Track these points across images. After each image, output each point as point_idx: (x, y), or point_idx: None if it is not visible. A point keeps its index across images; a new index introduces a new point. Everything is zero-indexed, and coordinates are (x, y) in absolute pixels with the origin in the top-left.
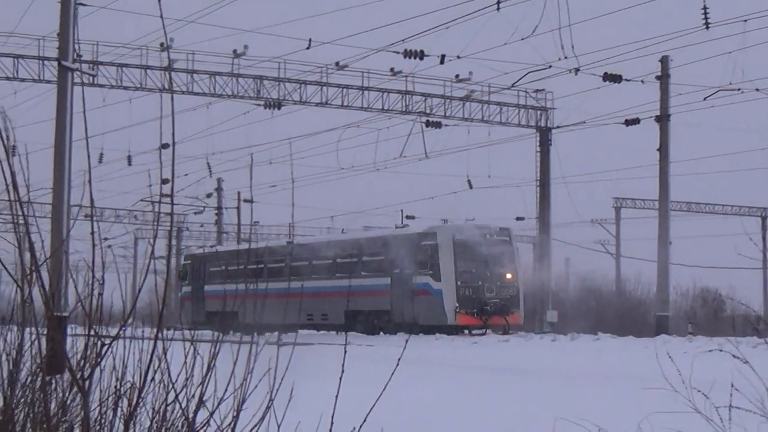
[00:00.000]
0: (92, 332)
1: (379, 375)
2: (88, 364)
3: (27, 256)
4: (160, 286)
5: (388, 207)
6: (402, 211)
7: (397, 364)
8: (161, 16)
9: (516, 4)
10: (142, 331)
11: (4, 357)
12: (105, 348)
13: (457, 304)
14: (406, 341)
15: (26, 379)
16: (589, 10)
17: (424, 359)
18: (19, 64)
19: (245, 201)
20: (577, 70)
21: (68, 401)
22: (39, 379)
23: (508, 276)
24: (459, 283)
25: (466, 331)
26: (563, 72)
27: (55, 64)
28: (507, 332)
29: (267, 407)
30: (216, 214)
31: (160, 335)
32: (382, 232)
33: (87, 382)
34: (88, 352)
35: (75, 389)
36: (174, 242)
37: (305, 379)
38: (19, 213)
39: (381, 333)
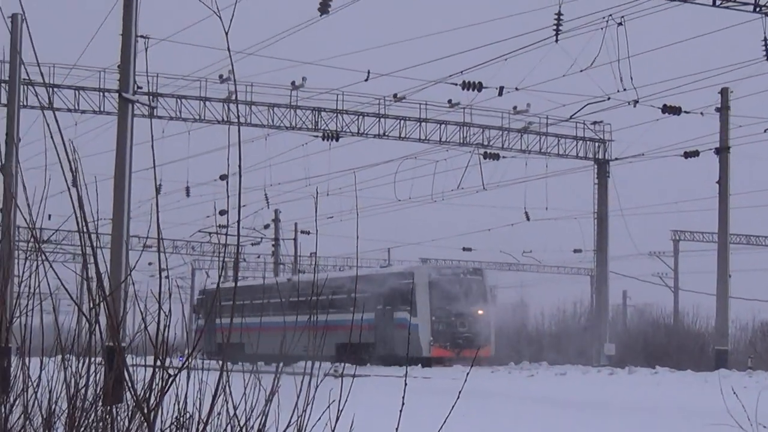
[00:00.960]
0: (158, 363)
1: (437, 407)
2: (153, 395)
3: (92, 286)
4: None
5: (445, 239)
6: (389, 250)
7: (458, 397)
8: (228, 49)
9: (575, 36)
10: (203, 362)
11: (65, 387)
12: (171, 379)
13: (431, 338)
14: (467, 374)
15: (88, 409)
16: (649, 41)
17: (481, 391)
18: (80, 96)
19: (302, 232)
20: (635, 102)
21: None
22: (99, 409)
23: (480, 312)
24: (433, 318)
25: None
26: (622, 104)
27: (116, 95)
28: (478, 364)
29: None
30: (273, 245)
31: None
32: (368, 271)
33: (153, 413)
34: (154, 383)
35: (137, 420)
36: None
37: (364, 411)
38: (88, 244)
39: (368, 365)
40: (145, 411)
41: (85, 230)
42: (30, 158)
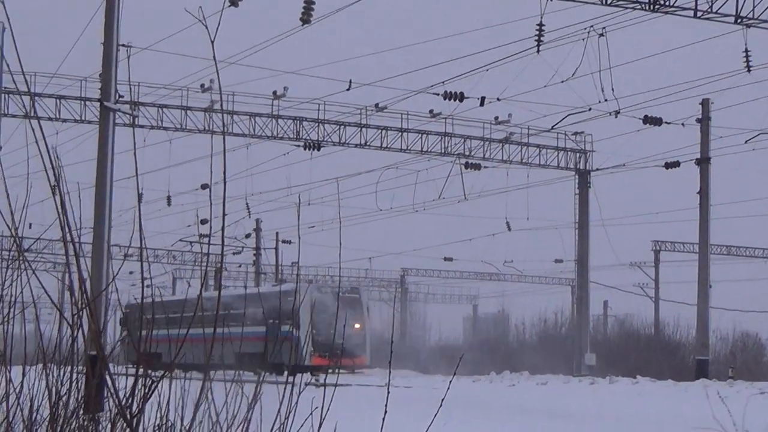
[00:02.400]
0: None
1: (419, 417)
2: (135, 402)
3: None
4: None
5: (426, 249)
6: (370, 259)
7: (440, 406)
8: (214, 58)
9: (556, 46)
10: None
11: (47, 395)
12: (153, 386)
13: (311, 348)
14: (450, 382)
15: (69, 417)
16: (630, 53)
17: (462, 401)
18: (61, 104)
19: (284, 242)
20: (617, 112)
21: None
22: (81, 416)
23: (356, 326)
24: (314, 331)
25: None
26: (603, 115)
27: (97, 104)
28: (353, 372)
29: None
30: (254, 254)
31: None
32: (263, 288)
33: (135, 419)
34: (137, 390)
35: (118, 427)
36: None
37: (346, 420)
38: (71, 253)
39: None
40: (128, 418)
41: (69, 238)
42: (9, 167)
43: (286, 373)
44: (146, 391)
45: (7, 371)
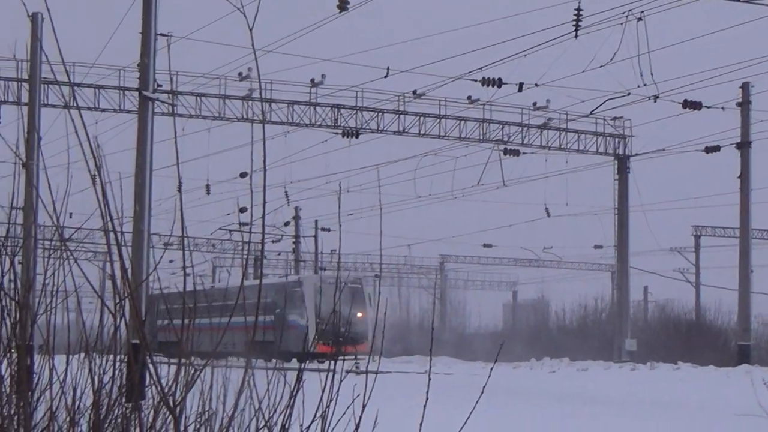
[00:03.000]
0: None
1: (459, 403)
2: (178, 390)
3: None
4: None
5: (465, 235)
6: (409, 247)
7: (482, 393)
8: (252, 46)
9: (594, 31)
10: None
11: (90, 383)
12: (196, 374)
13: (316, 336)
14: (491, 369)
15: (112, 405)
16: (669, 36)
17: (503, 388)
18: (100, 94)
19: (323, 229)
20: (656, 97)
21: (158, 427)
22: (122, 406)
23: (359, 315)
24: (318, 319)
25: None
26: (642, 99)
27: (136, 94)
28: (356, 358)
29: None
30: (293, 242)
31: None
32: (271, 280)
33: (178, 407)
34: (179, 378)
35: (161, 416)
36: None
37: (387, 407)
38: (113, 243)
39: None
40: (171, 405)
41: (110, 227)
42: (50, 157)
43: (294, 360)
44: (189, 379)
45: (51, 360)
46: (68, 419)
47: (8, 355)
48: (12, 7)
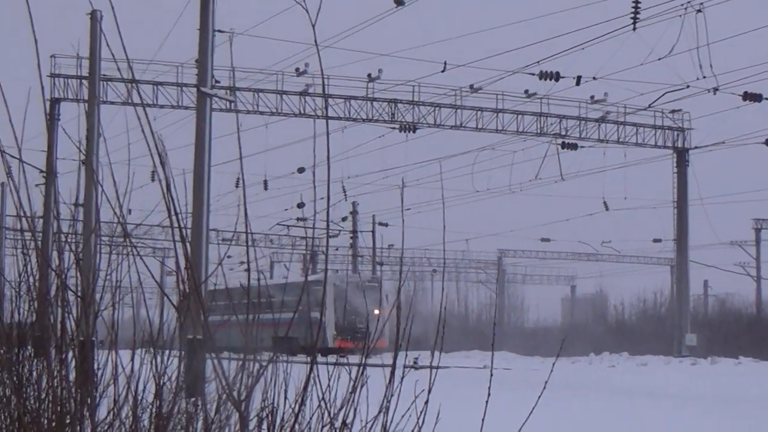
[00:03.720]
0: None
1: (519, 398)
2: (243, 385)
3: (176, 279)
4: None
5: (523, 230)
6: (467, 241)
7: (544, 388)
8: (315, 42)
9: (653, 23)
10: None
11: (153, 378)
12: (262, 370)
13: (335, 332)
14: (553, 365)
15: (174, 399)
16: (728, 28)
17: (563, 383)
18: (159, 90)
19: (380, 224)
20: (715, 89)
21: (219, 422)
22: (185, 400)
23: (376, 312)
24: (337, 317)
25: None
26: (701, 92)
27: (193, 90)
28: (374, 354)
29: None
30: (351, 237)
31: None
32: (293, 279)
33: (244, 403)
34: (244, 373)
35: (222, 411)
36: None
37: (448, 402)
38: (178, 239)
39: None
40: (237, 400)
41: (175, 223)
42: (110, 153)
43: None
44: (254, 374)
45: (117, 355)
46: (131, 414)
47: (72, 350)
48: (73, 5)
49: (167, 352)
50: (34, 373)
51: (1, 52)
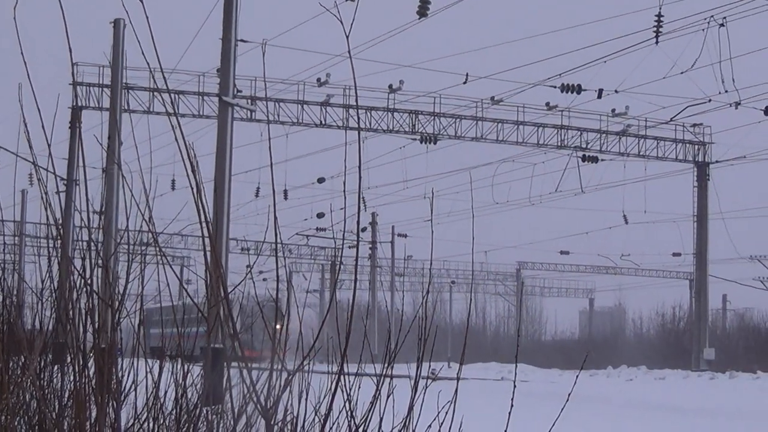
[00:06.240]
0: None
1: (537, 411)
2: (270, 395)
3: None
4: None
5: (542, 242)
6: (485, 253)
7: (567, 400)
8: (349, 53)
9: (675, 37)
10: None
11: (174, 387)
12: (289, 378)
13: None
14: (577, 377)
15: (194, 408)
16: (751, 42)
17: (581, 396)
18: (180, 99)
19: (399, 235)
20: (737, 104)
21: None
22: (206, 409)
23: (278, 326)
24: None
25: None
26: (723, 106)
27: (215, 99)
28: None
29: None
30: (370, 248)
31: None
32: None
33: (271, 412)
34: (272, 384)
35: (242, 420)
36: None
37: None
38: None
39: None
40: (264, 410)
41: (206, 233)
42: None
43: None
44: (282, 384)
45: (137, 362)
46: (152, 422)
47: (95, 357)
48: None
49: (190, 361)
50: (55, 380)
51: (21, 59)
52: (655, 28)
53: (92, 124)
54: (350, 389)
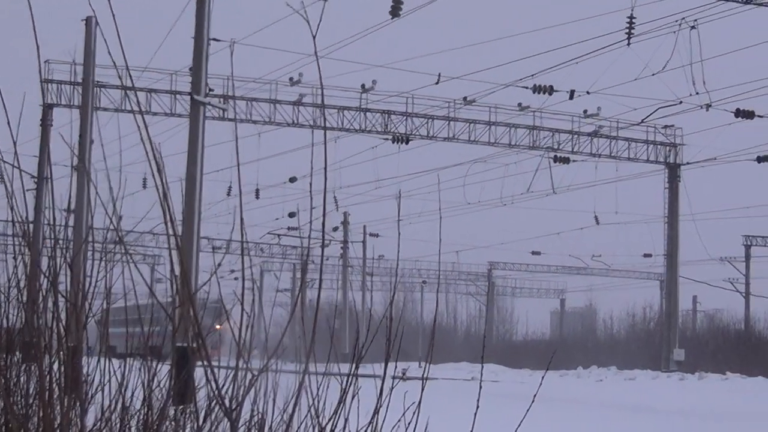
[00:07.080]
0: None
1: (507, 411)
2: (235, 395)
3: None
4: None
5: (514, 242)
6: (457, 253)
7: (533, 401)
8: (315, 53)
9: (647, 39)
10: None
11: (141, 387)
12: (254, 378)
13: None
14: (542, 378)
15: (163, 408)
16: (722, 45)
17: (551, 396)
18: (152, 98)
19: (371, 235)
20: (708, 105)
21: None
22: (174, 409)
23: (217, 327)
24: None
25: None
26: (694, 108)
27: (187, 98)
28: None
29: None
30: (342, 247)
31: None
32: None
33: (235, 412)
34: (236, 383)
35: (209, 420)
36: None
37: (436, 414)
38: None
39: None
40: (228, 409)
41: (171, 231)
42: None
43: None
44: (246, 383)
45: (108, 361)
46: (117, 422)
47: (61, 357)
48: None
49: (159, 359)
50: (22, 379)
51: None
52: (627, 30)
53: (64, 122)
54: (318, 389)
